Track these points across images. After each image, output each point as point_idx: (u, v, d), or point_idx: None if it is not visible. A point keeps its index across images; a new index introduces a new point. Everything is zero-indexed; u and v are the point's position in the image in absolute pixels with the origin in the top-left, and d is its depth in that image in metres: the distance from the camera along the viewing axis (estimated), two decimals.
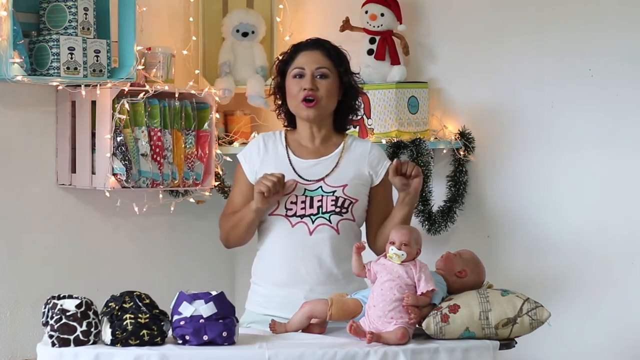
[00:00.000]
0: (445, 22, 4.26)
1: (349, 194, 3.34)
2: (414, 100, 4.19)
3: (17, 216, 4.03)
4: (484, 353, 2.97)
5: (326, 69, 3.36)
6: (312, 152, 3.40)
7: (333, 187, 3.34)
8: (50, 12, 3.93)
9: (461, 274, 3.13)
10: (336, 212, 3.32)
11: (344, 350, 2.87)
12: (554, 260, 4.00)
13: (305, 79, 3.34)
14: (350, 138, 3.46)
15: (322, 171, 3.36)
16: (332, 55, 3.40)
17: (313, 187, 3.33)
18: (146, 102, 4.10)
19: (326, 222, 3.32)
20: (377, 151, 3.44)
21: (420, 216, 4.13)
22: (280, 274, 3.33)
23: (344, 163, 3.38)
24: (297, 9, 4.60)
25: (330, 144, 3.42)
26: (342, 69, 3.40)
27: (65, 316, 2.84)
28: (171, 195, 4.37)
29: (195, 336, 2.86)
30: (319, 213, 3.32)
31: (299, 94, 3.35)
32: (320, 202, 3.32)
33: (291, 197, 3.31)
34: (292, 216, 3.32)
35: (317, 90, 3.34)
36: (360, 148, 3.42)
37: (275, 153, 3.41)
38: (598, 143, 3.90)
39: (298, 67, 3.37)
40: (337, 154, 3.40)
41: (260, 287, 3.38)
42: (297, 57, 3.39)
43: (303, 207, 3.32)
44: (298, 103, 3.35)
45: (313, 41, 3.44)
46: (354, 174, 3.37)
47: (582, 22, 3.92)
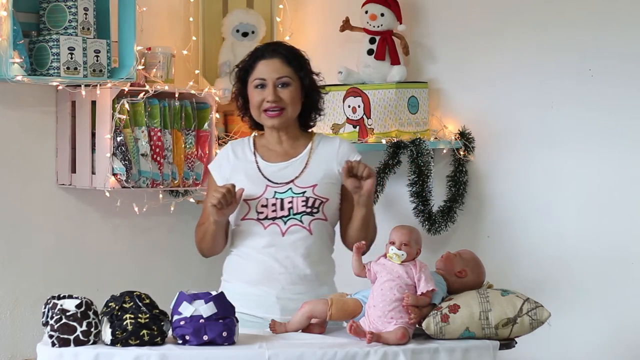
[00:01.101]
0: (445, 22, 4.26)
1: (319, 194, 3.34)
2: (414, 100, 4.19)
3: (17, 216, 4.03)
4: (484, 353, 2.97)
5: (287, 77, 3.37)
6: (281, 155, 3.41)
7: (303, 188, 3.34)
8: (50, 12, 3.93)
9: (461, 274, 3.14)
10: (307, 213, 3.33)
11: (344, 350, 2.88)
12: (554, 260, 4.00)
13: (267, 90, 3.35)
14: (318, 137, 3.47)
15: (292, 173, 3.37)
16: (292, 62, 3.40)
17: (283, 190, 3.34)
18: (146, 102, 4.10)
19: (298, 223, 3.32)
20: (345, 147, 3.45)
21: (420, 216, 4.13)
22: (253, 272, 3.34)
23: (313, 163, 3.39)
24: (297, 9, 4.60)
25: (299, 144, 3.43)
26: (303, 73, 3.41)
27: (65, 316, 2.84)
28: (171, 195, 4.37)
29: (195, 336, 2.86)
30: (290, 214, 3.32)
31: (261, 104, 3.36)
32: (290, 203, 3.33)
33: (262, 200, 3.32)
34: (264, 219, 3.33)
35: (280, 100, 3.35)
36: (329, 146, 3.43)
37: (245, 159, 3.42)
38: (598, 143, 3.90)
39: (259, 78, 3.37)
40: (306, 155, 3.41)
41: (230, 284, 3.38)
42: (257, 66, 3.39)
43: (274, 209, 3.32)
44: (261, 113, 3.37)
45: (272, 49, 3.43)
46: (323, 173, 3.38)
47: (582, 22, 3.92)
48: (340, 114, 4.28)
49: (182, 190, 4.34)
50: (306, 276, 3.33)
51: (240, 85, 3.44)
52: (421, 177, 4.08)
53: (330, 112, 4.27)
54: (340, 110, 4.28)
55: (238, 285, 3.35)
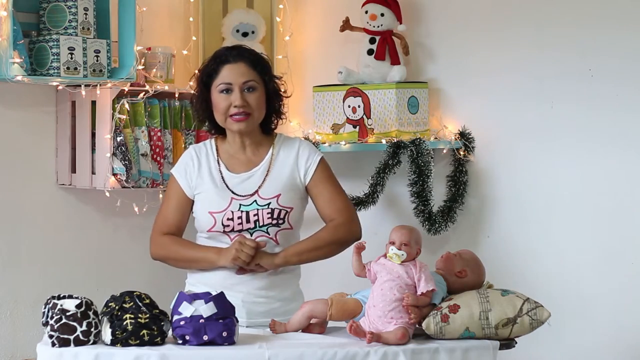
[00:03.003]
0: (445, 22, 4.26)
1: (283, 204, 3.34)
2: (414, 100, 4.19)
3: (17, 216, 4.03)
4: (484, 353, 2.97)
5: (253, 82, 3.34)
6: (244, 163, 3.39)
7: (267, 199, 3.33)
8: (50, 12, 3.93)
9: (461, 274, 3.13)
10: (273, 224, 3.33)
11: (344, 350, 2.87)
12: (554, 260, 4.00)
13: (234, 95, 3.32)
14: (279, 141, 3.44)
15: (255, 184, 3.36)
16: (257, 66, 3.37)
17: (247, 202, 3.33)
18: (146, 102, 4.10)
19: (264, 234, 3.33)
20: (304, 149, 3.43)
21: (420, 216, 4.13)
22: (218, 278, 3.33)
23: (275, 171, 3.37)
24: (297, 9, 4.60)
25: (261, 150, 3.41)
26: (267, 77, 3.38)
27: (65, 316, 2.84)
28: None
29: (195, 336, 2.86)
30: (257, 227, 3.32)
31: (228, 109, 3.32)
32: (256, 216, 3.32)
33: (227, 214, 3.31)
34: (230, 232, 3.33)
35: (247, 105, 3.32)
36: (289, 150, 3.41)
37: (208, 167, 3.39)
38: (598, 142, 3.90)
39: (224, 83, 3.33)
40: (267, 162, 3.39)
41: (194, 287, 3.35)
42: (222, 71, 3.35)
43: (240, 222, 3.32)
44: (227, 118, 3.34)
45: (236, 52, 3.39)
46: (285, 181, 3.36)
47: (582, 22, 3.92)
48: (340, 114, 4.28)
49: None
50: (273, 281, 3.33)
51: (203, 89, 3.39)
52: (421, 177, 4.08)
53: (330, 112, 4.27)
54: (340, 110, 4.28)
55: (202, 288, 3.32)
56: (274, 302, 3.30)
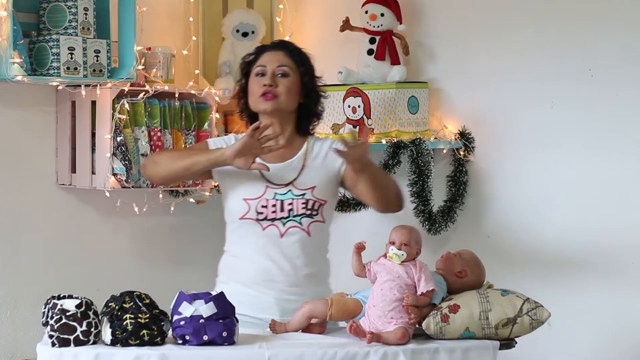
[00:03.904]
0: (445, 22, 4.26)
1: (318, 196, 3.35)
2: (414, 100, 4.19)
3: (17, 216, 4.03)
4: (484, 353, 2.97)
5: (287, 67, 3.39)
6: (278, 156, 3.39)
7: (302, 190, 3.35)
8: (50, 12, 3.93)
9: (461, 274, 3.14)
10: (307, 215, 3.34)
11: (344, 350, 2.88)
12: (554, 260, 4.00)
13: (265, 77, 3.37)
14: (312, 139, 3.47)
15: (290, 174, 3.37)
16: (295, 56, 3.43)
17: (283, 191, 3.34)
18: (146, 102, 4.10)
19: (297, 225, 3.33)
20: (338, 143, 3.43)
21: (420, 216, 4.13)
22: (250, 273, 3.34)
23: (310, 165, 3.39)
24: (297, 9, 4.60)
25: (294, 146, 3.43)
26: (304, 69, 3.42)
27: (65, 316, 2.84)
28: (171, 195, 4.37)
29: (195, 336, 2.86)
30: (290, 216, 3.33)
31: (258, 90, 3.37)
32: (291, 205, 3.33)
33: (262, 201, 3.33)
34: (263, 220, 3.33)
35: (276, 86, 3.36)
36: (322, 147, 3.44)
37: None
38: (598, 143, 3.90)
39: (260, 66, 3.40)
40: (302, 156, 3.41)
41: (227, 285, 3.36)
42: (261, 57, 3.43)
43: (274, 210, 3.33)
44: (257, 98, 3.38)
45: (278, 42, 3.52)
46: (321, 174, 3.38)
47: (582, 22, 3.92)
48: (340, 114, 4.28)
49: (182, 190, 4.34)
50: (304, 277, 3.33)
51: (244, 79, 3.45)
52: (421, 177, 4.08)
53: (330, 112, 4.27)
54: (340, 110, 4.28)
55: (235, 286, 3.34)
56: (306, 299, 3.27)
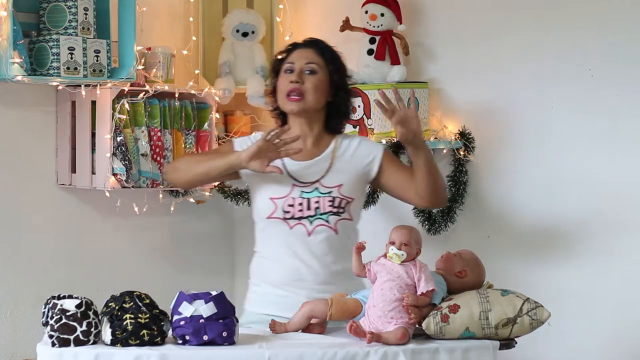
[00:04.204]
0: (445, 22, 4.26)
1: (345, 194, 3.35)
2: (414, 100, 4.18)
3: (17, 216, 4.03)
4: (484, 353, 2.97)
5: (315, 65, 3.39)
6: (305, 154, 3.40)
7: (329, 188, 3.35)
8: (50, 12, 3.93)
9: (461, 274, 3.14)
10: (334, 213, 3.33)
11: (344, 350, 2.88)
12: (553, 260, 4.00)
13: (293, 74, 3.37)
14: (340, 137, 3.47)
15: (317, 173, 3.37)
16: (325, 54, 3.43)
17: (309, 189, 3.34)
18: (146, 102, 4.10)
19: (324, 223, 3.33)
20: (366, 144, 3.46)
21: (420, 216, 4.13)
22: (280, 274, 3.34)
23: (338, 162, 3.39)
24: (297, 9, 4.60)
25: (322, 144, 3.43)
26: (333, 67, 3.42)
27: (65, 316, 2.84)
28: (171, 195, 4.37)
29: (195, 336, 2.86)
30: (317, 214, 3.33)
31: (285, 87, 3.37)
32: (317, 203, 3.33)
33: (288, 200, 3.32)
34: (290, 219, 3.33)
35: (303, 84, 3.35)
36: (350, 145, 3.44)
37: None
38: (598, 143, 3.89)
39: (289, 62, 3.41)
40: (330, 154, 3.41)
41: (259, 287, 3.39)
42: (291, 55, 3.44)
43: (301, 209, 3.32)
44: (284, 97, 3.38)
45: (308, 40, 3.49)
46: (348, 172, 3.38)
47: (582, 22, 3.92)
48: None
49: (182, 191, 4.34)
50: (333, 274, 3.33)
51: (275, 77, 3.45)
52: None
53: None
54: None
55: (267, 288, 3.36)
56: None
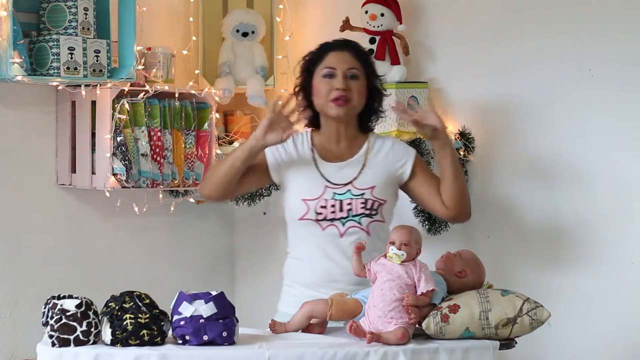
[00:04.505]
0: (445, 22, 4.26)
1: (377, 196, 3.35)
2: (414, 100, 4.19)
3: (17, 216, 4.03)
4: (484, 353, 2.97)
5: (357, 70, 3.38)
6: (338, 155, 3.40)
7: (362, 190, 3.35)
8: (50, 12, 3.93)
9: (461, 274, 3.14)
10: (366, 215, 3.34)
11: (344, 350, 2.87)
12: (553, 260, 4.00)
13: (337, 79, 3.35)
14: (373, 137, 3.47)
15: (350, 174, 3.37)
16: (361, 57, 3.42)
17: (342, 191, 3.34)
18: (146, 102, 4.10)
19: (357, 225, 3.33)
20: (398, 147, 3.46)
21: (420, 216, 4.13)
22: (313, 275, 3.35)
23: (370, 164, 3.39)
24: (297, 9, 4.60)
25: (355, 145, 3.43)
26: (370, 70, 3.42)
27: (65, 316, 2.84)
28: (171, 195, 4.37)
29: (195, 336, 2.86)
30: (349, 216, 3.33)
31: (329, 93, 3.35)
32: (350, 205, 3.33)
33: (320, 201, 3.33)
34: (322, 220, 3.33)
35: (350, 90, 3.35)
36: (384, 147, 3.44)
37: (303, 154, 3.41)
38: (598, 143, 3.89)
39: (328, 67, 3.37)
40: (363, 156, 3.41)
41: (292, 288, 3.39)
42: (327, 57, 3.40)
43: (333, 210, 3.33)
44: (327, 102, 3.36)
45: (342, 42, 3.46)
46: (381, 174, 3.38)
47: (582, 22, 3.92)
48: None
49: (182, 190, 4.34)
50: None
51: (306, 76, 3.43)
52: None
53: None
54: None
55: (299, 289, 3.36)
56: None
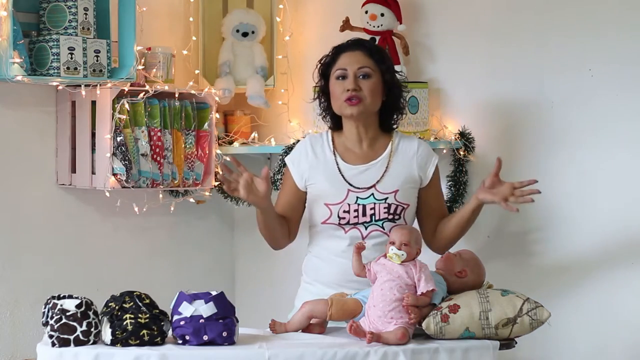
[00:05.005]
0: (445, 22, 4.26)
1: (400, 200, 3.35)
2: (414, 100, 4.18)
3: (17, 216, 4.03)
4: (484, 353, 2.98)
5: (368, 69, 3.37)
6: (361, 157, 3.40)
7: (385, 194, 3.34)
8: (50, 12, 3.93)
9: (461, 274, 3.14)
10: (389, 219, 3.33)
11: (344, 350, 2.88)
12: (553, 260, 4.00)
13: (348, 80, 3.36)
14: (397, 137, 3.46)
15: (373, 177, 3.37)
16: (374, 55, 3.41)
17: (365, 195, 3.34)
18: (146, 102, 4.10)
19: (379, 229, 3.34)
20: (424, 149, 3.46)
21: None
22: (332, 274, 3.35)
23: (394, 166, 3.39)
24: (297, 9, 4.60)
25: (378, 146, 3.43)
26: (384, 67, 3.41)
27: (65, 316, 2.84)
28: (171, 195, 4.37)
29: (195, 336, 2.86)
30: (372, 221, 3.33)
31: (342, 94, 3.35)
32: (372, 210, 3.33)
33: (344, 206, 3.32)
34: (345, 224, 3.33)
35: (360, 90, 3.35)
36: (408, 148, 3.43)
37: (324, 159, 3.41)
38: (598, 143, 3.89)
39: (340, 69, 3.38)
40: (386, 157, 3.40)
41: (311, 285, 3.40)
42: (339, 59, 3.41)
43: (356, 215, 3.33)
44: (341, 103, 3.36)
45: (354, 42, 3.46)
46: (404, 177, 3.38)
47: (582, 22, 3.92)
48: None
49: (182, 190, 4.34)
50: None
51: (323, 80, 3.44)
52: None
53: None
54: None
55: (319, 287, 3.36)
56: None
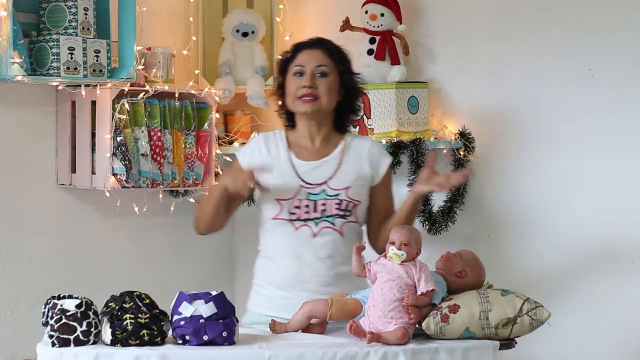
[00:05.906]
0: (445, 22, 4.26)
1: (352, 197, 3.34)
2: (414, 100, 4.19)
3: (17, 216, 4.03)
4: (484, 353, 2.97)
5: (326, 67, 3.36)
6: (313, 154, 3.39)
7: (336, 190, 3.33)
8: (50, 12, 3.93)
9: (461, 274, 3.14)
10: (340, 216, 3.32)
11: (344, 350, 2.87)
12: (553, 260, 4.00)
13: (304, 77, 3.34)
14: (350, 136, 3.45)
15: (325, 174, 3.36)
16: (333, 54, 3.40)
17: (316, 191, 3.33)
18: (146, 102, 4.10)
19: (330, 225, 3.32)
20: (376, 149, 3.44)
21: (420, 216, 4.13)
22: (283, 275, 3.33)
23: (346, 164, 3.38)
24: (297, 9, 4.60)
25: (330, 144, 3.41)
26: (343, 68, 3.40)
27: (65, 316, 2.84)
28: (171, 195, 4.37)
29: (195, 336, 2.86)
30: (323, 217, 3.32)
31: (297, 91, 3.34)
32: (324, 205, 3.32)
33: (295, 201, 3.32)
34: (296, 220, 3.32)
35: (316, 88, 3.34)
36: (360, 146, 3.42)
37: (277, 155, 3.39)
38: (598, 143, 3.90)
39: (298, 65, 3.37)
40: (338, 155, 3.39)
41: (262, 288, 3.38)
42: (298, 56, 3.39)
43: (307, 211, 3.31)
44: (295, 99, 3.35)
45: (314, 40, 3.45)
46: (356, 174, 3.36)
47: (582, 22, 3.92)
48: None
49: (182, 190, 4.34)
50: (336, 276, 3.31)
51: (282, 77, 3.43)
52: None
53: None
54: None
55: (270, 289, 3.35)
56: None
